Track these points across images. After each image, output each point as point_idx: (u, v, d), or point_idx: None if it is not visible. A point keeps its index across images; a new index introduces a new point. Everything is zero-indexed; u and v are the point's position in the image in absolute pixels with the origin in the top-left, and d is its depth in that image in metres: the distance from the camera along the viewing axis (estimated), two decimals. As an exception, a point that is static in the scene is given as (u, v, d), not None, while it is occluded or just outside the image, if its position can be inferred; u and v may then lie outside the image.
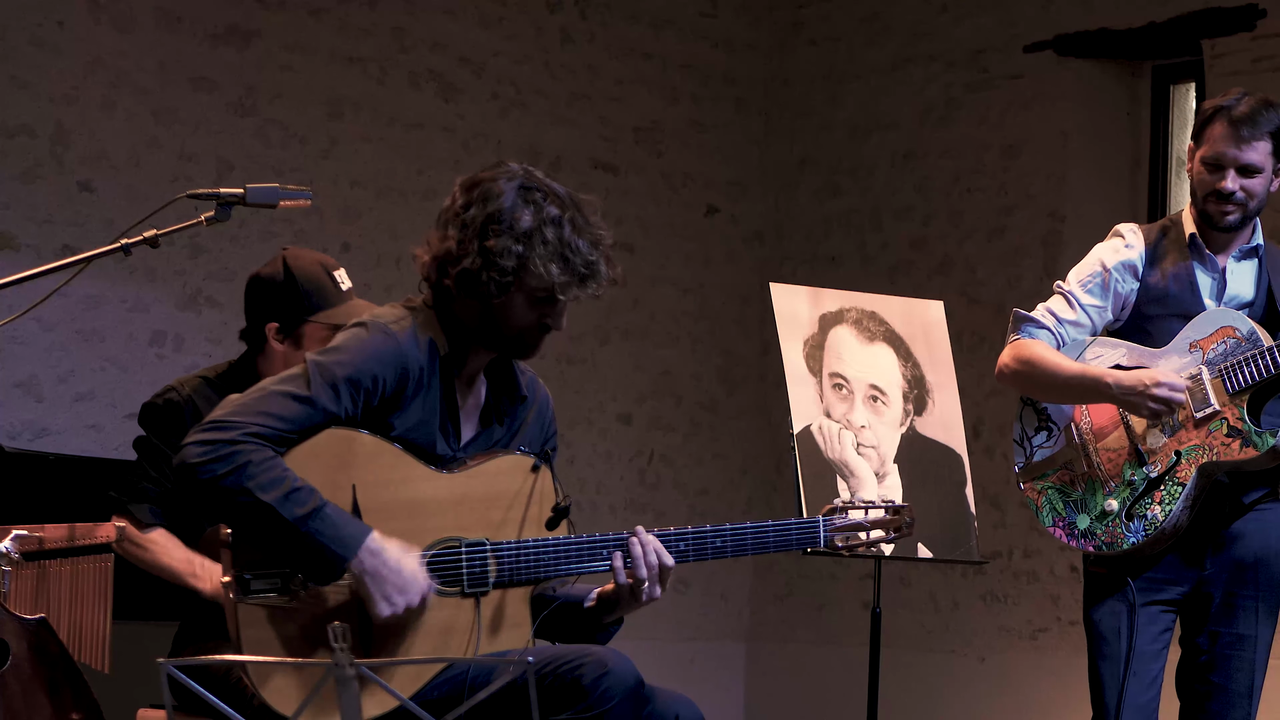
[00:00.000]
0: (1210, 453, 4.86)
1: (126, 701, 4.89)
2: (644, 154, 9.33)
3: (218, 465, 3.90)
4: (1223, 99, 4.98)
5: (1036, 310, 5.09)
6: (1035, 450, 5.09)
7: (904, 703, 8.58)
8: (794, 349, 6.62)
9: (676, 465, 9.44)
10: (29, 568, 4.67)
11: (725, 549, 4.25)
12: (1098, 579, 5.00)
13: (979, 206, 8.92)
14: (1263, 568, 4.95)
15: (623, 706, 3.96)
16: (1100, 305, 5.06)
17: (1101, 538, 4.93)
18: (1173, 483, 4.88)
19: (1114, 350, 5.02)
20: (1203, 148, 4.96)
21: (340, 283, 4.94)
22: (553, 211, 4.08)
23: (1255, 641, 4.92)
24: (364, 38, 8.45)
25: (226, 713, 3.55)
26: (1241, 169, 4.91)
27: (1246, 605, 4.93)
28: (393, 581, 3.97)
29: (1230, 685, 4.92)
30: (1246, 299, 5.02)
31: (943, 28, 9.08)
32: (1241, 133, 4.89)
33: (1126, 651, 4.89)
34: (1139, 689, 4.91)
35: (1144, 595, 4.92)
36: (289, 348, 4.88)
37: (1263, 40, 8.11)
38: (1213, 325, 4.94)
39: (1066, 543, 5.01)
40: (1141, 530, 4.89)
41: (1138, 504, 4.90)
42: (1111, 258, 5.06)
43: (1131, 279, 5.04)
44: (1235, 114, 4.91)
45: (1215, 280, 5.02)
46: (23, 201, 7.56)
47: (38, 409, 7.56)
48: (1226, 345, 4.91)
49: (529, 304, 4.10)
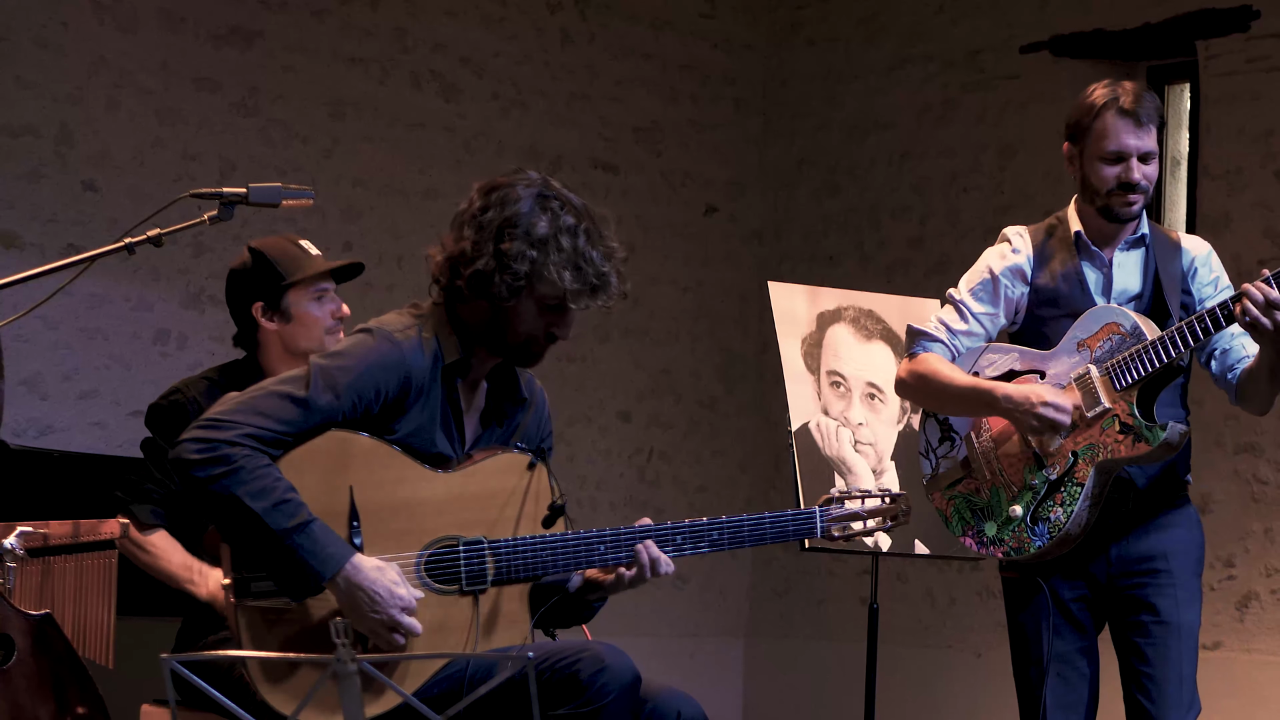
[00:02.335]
0: (1105, 450, 4.82)
1: (130, 697, 4.91)
2: (643, 154, 9.33)
3: (211, 466, 3.92)
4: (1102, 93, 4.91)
5: (929, 323, 5.06)
6: (940, 461, 5.07)
7: (901, 697, 8.60)
8: (792, 347, 6.63)
9: (676, 462, 9.45)
10: (34, 564, 4.67)
11: (723, 541, 4.26)
12: (1012, 584, 4.99)
13: (976, 206, 8.92)
14: (1174, 557, 4.92)
15: (620, 701, 3.98)
16: (991, 312, 5.03)
17: (1009, 543, 4.89)
18: (1072, 483, 4.84)
19: (1005, 356, 5.00)
20: (1097, 144, 4.90)
21: (308, 249, 5.03)
22: (568, 221, 4.10)
23: (1180, 628, 4.88)
24: (366, 38, 8.45)
25: (229, 708, 3.56)
26: (1142, 157, 4.89)
27: (1163, 595, 4.89)
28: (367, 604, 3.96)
29: (1168, 673, 4.88)
30: (1134, 291, 4.98)
31: (940, 28, 9.08)
32: (1140, 119, 4.86)
33: (1050, 652, 4.88)
34: (1064, 689, 4.91)
35: (1059, 596, 4.91)
36: (279, 323, 4.95)
37: (1257, 41, 8.10)
38: (1098, 323, 4.89)
39: (977, 550, 4.98)
40: (1046, 533, 4.85)
41: (1040, 507, 4.86)
42: (999, 263, 5.03)
43: (1020, 283, 5.01)
44: (1125, 105, 4.87)
45: (1102, 275, 4.99)
46: (27, 201, 7.56)
47: (42, 406, 7.55)
48: (1112, 342, 4.86)
49: (538, 311, 4.12)
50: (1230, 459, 8.10)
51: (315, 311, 4.96)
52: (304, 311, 4.95)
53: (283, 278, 4.94)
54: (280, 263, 4.96)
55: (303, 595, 3.98)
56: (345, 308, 5.04)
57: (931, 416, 5.12)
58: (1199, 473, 7.80)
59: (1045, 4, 8.73)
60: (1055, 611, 4.91)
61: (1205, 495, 8.03)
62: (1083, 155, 4.95)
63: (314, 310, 4.96)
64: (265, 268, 4.95)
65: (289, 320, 4.94)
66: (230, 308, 5.03)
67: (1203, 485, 7.99)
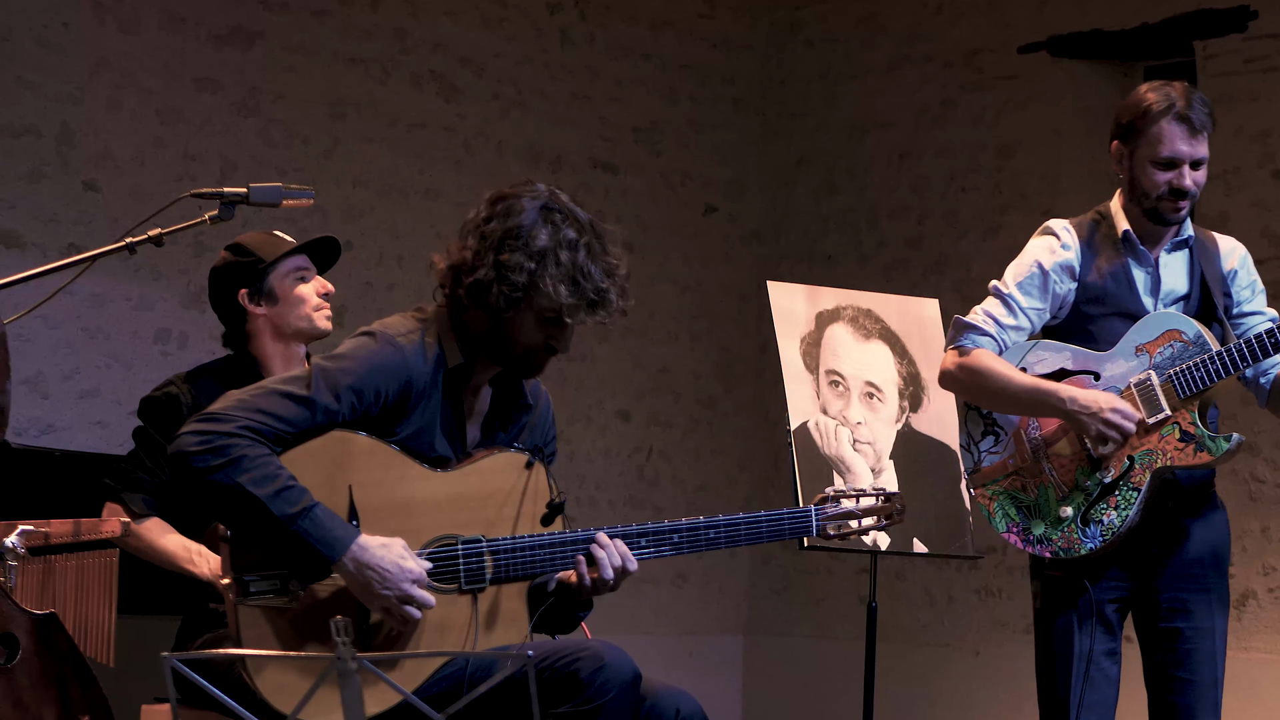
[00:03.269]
0: (1164, 458, 4.81)
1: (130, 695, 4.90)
2: (643, 154, 9.35)
3: (211, 456, 3.92)
4: (1157, 96, 4.87)
5: (976, 315, 5.00)
6: (983, 455, 5.02)
7: (900, 696, 8.61)
8: (791, 346, 6.62)
9: (675, 461, 9.46)
10: (35, 563, 4.65)
11: (719, 540, 4.25)
12: (1054, 582, 4.95)
13: (974, 206, 8.94)
14: (1210, 562, 4.93)
15: (620, 699, 3.98)
16: (1040, 307, 4.97)
17: (1058, 543, 4.88)
18: (1128, 488, 4.83)
19: (1058, 354, 4.95)
20: (1150, 148, 4.86)
21: (284, 237, 5.07)
22: (569, 235, 4.08)
23: (1213, 633, 4.90)
24: (366, 39, 8.46)
25: (230, 706, 3.56)
26: (1194, 164, 4.86)
27: (1199, 599, 4.91)
28: (377, 581, 3.97)
29: (1196, 679, 4.89)
30: (1182, 292, 4.96)
31: (938, 29, 9.09)
32: (1195, 127, 4.83)
33: (1087, 652, 4.88)
34: (1090, 691, 4.90)
35: (1097, 596, 4.90)
36: (266, 306, 4.98)
37: (1254, 41, 8.11)
38: (1159, 328, 4.88)
39: (1022, 548, 4.95)
40: (1099, 536, 4.84)
41: (1093, 509, 4.85)
42: (1049, 258, 4.97)
43: (1069, 279, 4.96)
44: (1181, 111, 4.83)
45: (1150, 275, 4.96)
46: (29, 201, 7.57)
47: (44, 406, 7.56)
48: (1174, 349, 4.85)
49: (537, 323, 4.11)
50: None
51: (301, 290, 4.99)
52: (288, 291, 4.98)
53: (261, 261, 4.98)
54: (258, 249, 5.01)
55: (311, 580, 4.00)
56: (330, 285, 5.07)
57: (974, 409, 5.06)
58: (1196, 472, 7.87)
59: (1043, 4, 8.74)
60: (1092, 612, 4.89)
61: (1203, 494, 8.05)
62: (1133, 157, 4.91)
63: (300, 289, 4.99)
64: (244, 256, 5.00)
65: (275, 301, 4.97)
66: (216, 306, 5.06)
67: (1200, 484, 8.02)
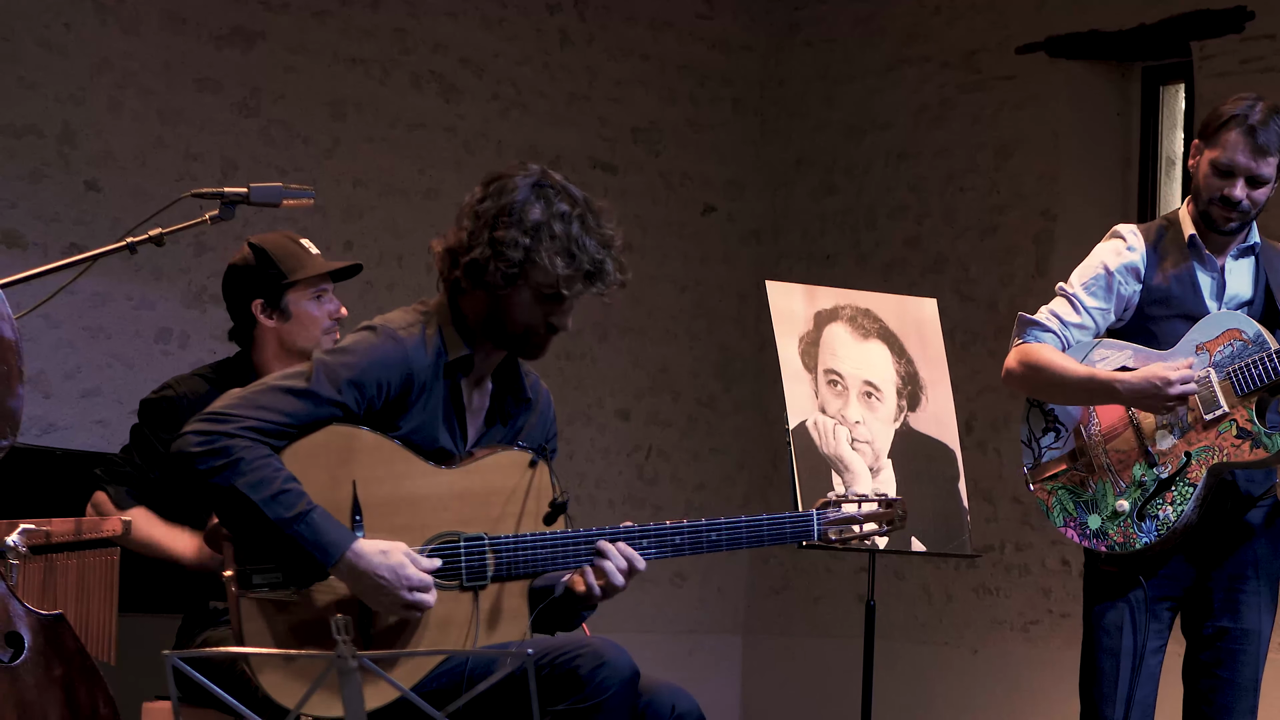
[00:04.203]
0: (1220, 454, 4.86)
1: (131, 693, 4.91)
2: (642, 154, 9.35)
3: (212, 458, 3.93)
4: (1240, 104, 4.93)
5: (1040, 313, 5.07)
6: (1044, 451, 5.07)
7: (898, 694, 8.61)
8: (790, 346, 6.63)
9: (674, 460, 9.45)
10: (37, 561, 4.64)
11: (721, 542, 4.26)
12: (1108, 577, 5.00)
13: (972, 205, 8.94)
14: (1264, 563, 4.97)
15: (619, 697, 3.99)
16: (1104, 307, 5.03)
17: (1114, 537, 4.93)
18: (1184, 483, 4.88)
19: (1120, 352, 5.00)
20: (1215, 150, 4.91)
21: (308, 248, 5.04)
22: (562, 207, 4.10)
23: (1259, 636, 4.95)
24: (366, 39, 8.46)
25: (231, 704, 3.57)
26: (1251, 179, 4.90)
27: (1249, 601, 4.95)
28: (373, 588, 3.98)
29: (1237, 679, 4.94)
30: (1246, 297, 5.02)
31: (936, 29, 9.09)
32: (1259, 143, 4.87)
33: (1137, 648, 4.91)
34: (1139, 684, 4.93)
35: (1151, 593, 4.94)
36: (278, 320, 4.96)
37: (1251, 42, 8.11)
38: (1219, 328, 4.93)
39: (1079, 543, 4.99)
40: (1154, 530, 4.88)
41: (1149, 504, 4.90)
42: (1114, 260, 5.03)
43: (1134, 281, 5.02)
44: (1253, 123, 4.87)
45: (1215, 280, 5.02)
46: (30, 200, 7.57)
47: (45, 405, 7.56)
48: (1233, 347, 4.89)
49: (535, 300, 4.12)
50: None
51: (314, 311, 4.97)
52: (303, 310, 4.97)
53: (284, 276, 4.95)
54: (282, 261, 4.97)
55: (309, 583, 4.00)
56: (343, 309, 5.06)
57: (1036, 406, 5.11)
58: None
59: (1041, 5, 8.74)
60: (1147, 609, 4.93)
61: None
62: (1199, 154, 4.98)
63: (313, 309, 4.97)
64: (266, 265, 4.96)
65: (288, 319, 4.96)
66: (228, 302, 5.04)
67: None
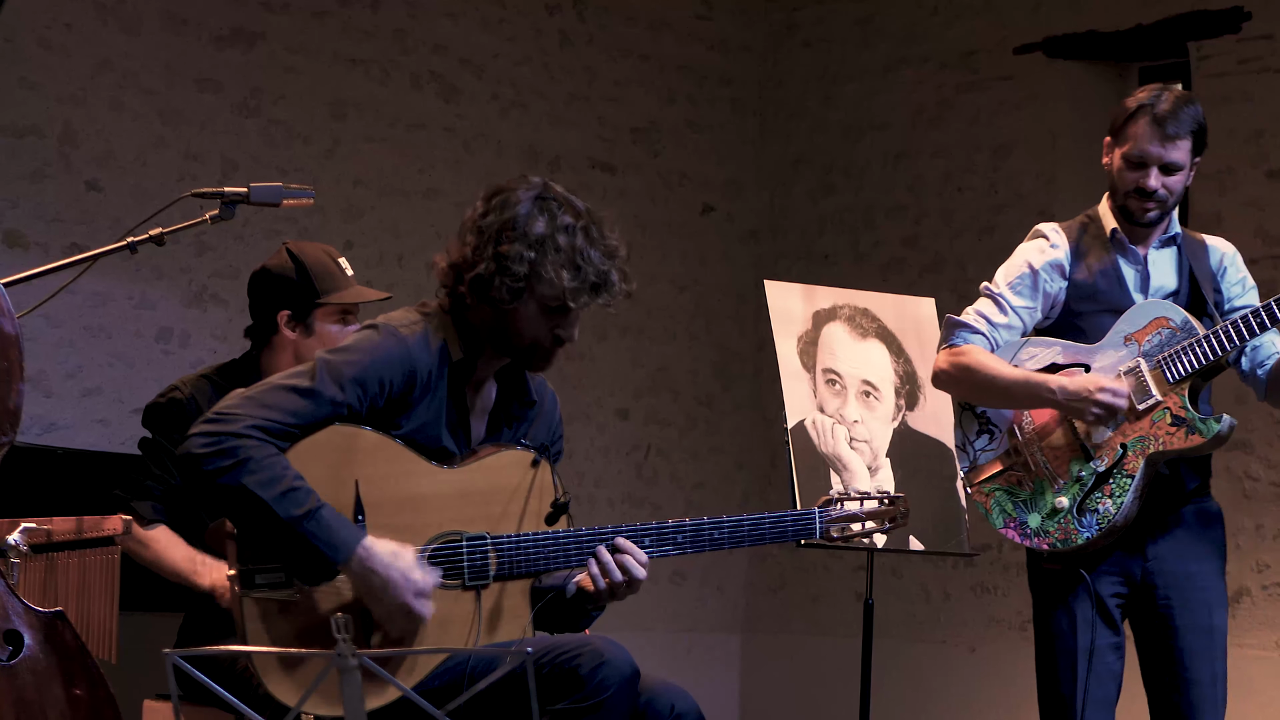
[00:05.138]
0: (1156, 443, 4.84)
1: (133, 692, 4.91)
2: (641, 154, 9.37)
3: (220, 459, 3.93)
4: (1144, 95, 4.93)
5: (967, 314, 5.06)
6: (979, 454, 5.06)
7: (896, 692, 8.63)
8: (788, 345, 6.64)
9: (673, 459, 9.47)
10: (38, 560, 4.63)
11: (723, 541, 4.27)
12: (1052, 576, 4.98)
13: (970, 205, 8.96)
14: (1206, 559, 4.96)
15: (619, 696, 4.00)
16: (1030, 306, 5.02)
17: (1055, 535, 4.91)
18: (1121, 475, 4.86)
19: (1048, 349, 4.99)
20: (1125, 145, 4.93)
21: (345, 269, 5.03)
22: (566, 220, 4.12)
23: (1213, 630, 4.93)
24: (366, 40, 8.47)
25: (231, 703, 3.58)
26: (1164, 167, 4.91)
27: (1199, 597, 4.93)
28: (380, 588, 3.99)
29: (1200, 676, 4.92)
30: (1171, 288, 5.01)
31: (934, 30, 9.11)
32: (1166, 131, 4.87)
33: (1089, 646, 4.90)
34: (1096, 684, 4.92)
35: (1097, 591, 4.92)
36: (300, 335, 4.95)
37: (1247, 42, 8.13)
38: (1146, 317, 4.92)
39: (1019, 542, 4.97)
40: (1095, 525, 4.87)
41: (1088, 499, 4.88)
42: (1038, 258, 5.03)
43: (1059, 278, 5.02)
44: (1159, 112, 4.88)
45: (1139, 272, 5.01)
46: (31, 200, 7.57)
47: (46, 404, 7.56)
48: (1162, 336, 4.88)
49: (541, 313, 4.14)
50: (1222, 456, 8.08)
51: (337, 332, 4.96)
52: (327, 330, 4.96)
53: (317, 295, 4.95)
54: (319, 279, 4.96)
55: (317, 581, 4.02)
56: None
57: (968, 409, 5.10)
58: (1190, 470, 7.90)
59: (1039, 6, 8.76)
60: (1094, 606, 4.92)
61: (1197, 492, 8.09)
62: (1111, 152, 4.99)
63: (336, 332, 4.96)
64: (303, 278, 4.95)
65: (310, 335, 4.95)
66: (253, 301, 5.03)
67: (1194, 482, 8.05)
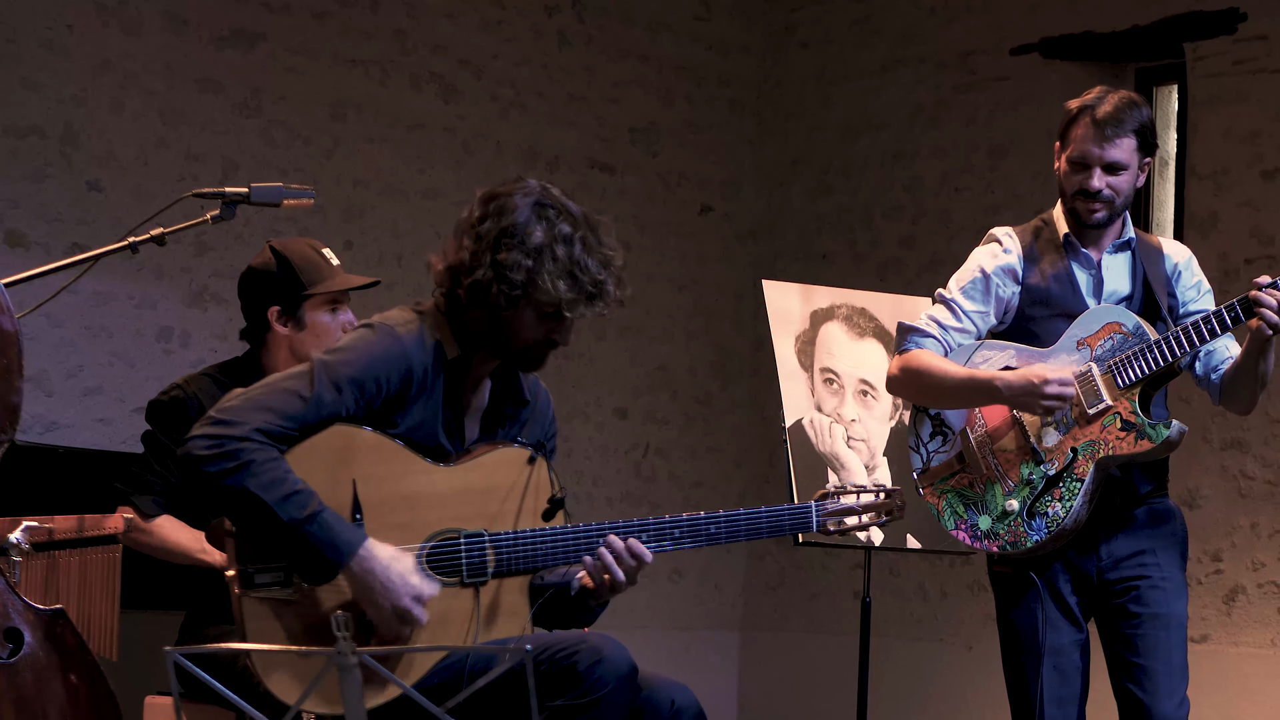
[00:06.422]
0: (1106, 447, 4.84)
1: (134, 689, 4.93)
2: (640, 154, 9.38)
3: (222, 461, 3.94)
4: (1086, 98, 4.94)
5: (920, 319, 5.05)
6: (932, 455, 5.06)
7: (893, 689, 8.65)
8: (786, 344, 6.65)
9: (671, 458, 9.49)
10: (39, 558, 4.66)
11: (720, 535, 4.27)
12: (1005, 578, 4.99)
13: (967, 205, 8.96)
14: (1161, 551, 4.95)
15: (617, 692, 4.00)
16: (983, 310, 5.02)
17: (1005, 537, 4.90)
18: (1071, 479, 4.86)
19: (1001, 353, 4.99)
20: (1069, 148, 4.94)
21: (330, 258, 5.04)
22: (564, 229, 4.12)
23: (1170, 620, 4.91)
24: (366, 41, 8.49)
25: (232, 700, 3.58)
26: (1107, 167, 4.90)
27: (1154, 587, 4.92)
28: (379, 590, 4.00)
29: (1155, 665, 4.89)
30: (1125, 293, 5.01)
31: (932, 31, 9.12)
32: (1106, 131, 4.87)
33: (1049, 646, 4.89)
34: (1060, 682, 4.92)
35: (1054, 589, 4.92)
36: (292, 329, 4.97)
37: (1243, 43, 8.14)
38: (1099, 322, 4.92)
39: (970, 544, 4.98)
40: (1044, 528, 4.86)
41: (1038, 502, 4.88)
42: (990, 263, 5.03)
43: (1012, 283, 5.02)
44: (1099, 113, 4.89)
45: (1093, 277, 5.01)
46: (33, 200, 7.59)
47: (47, 403, 7.58)
48: (1114, 341, 4.88)
49: (537, 318, 4.15)
50: (1217, 455, 8.16)
51: (329, 322, 4.98)
52: (318, 322, 4.98)
53: (303, 287, 4.97)
54: (303, 271, 4.98)
55: (318, 581, 4.03)
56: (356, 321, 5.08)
57: (923, 411, 5.11)
58: (1187, 469, 7.93)
59: (1035, 7, 8.77)
60: (1051, 605, 4.91)
61: (1192, 491, 8.10)
62: (1059, 157, 5.00)
63: (327, 321, 4.98)
64: (287, 273, 4.97)
65: (302, 328, 4.97)
66: (243, 303, 5.05)
67: (1190, 481, 8.06)
